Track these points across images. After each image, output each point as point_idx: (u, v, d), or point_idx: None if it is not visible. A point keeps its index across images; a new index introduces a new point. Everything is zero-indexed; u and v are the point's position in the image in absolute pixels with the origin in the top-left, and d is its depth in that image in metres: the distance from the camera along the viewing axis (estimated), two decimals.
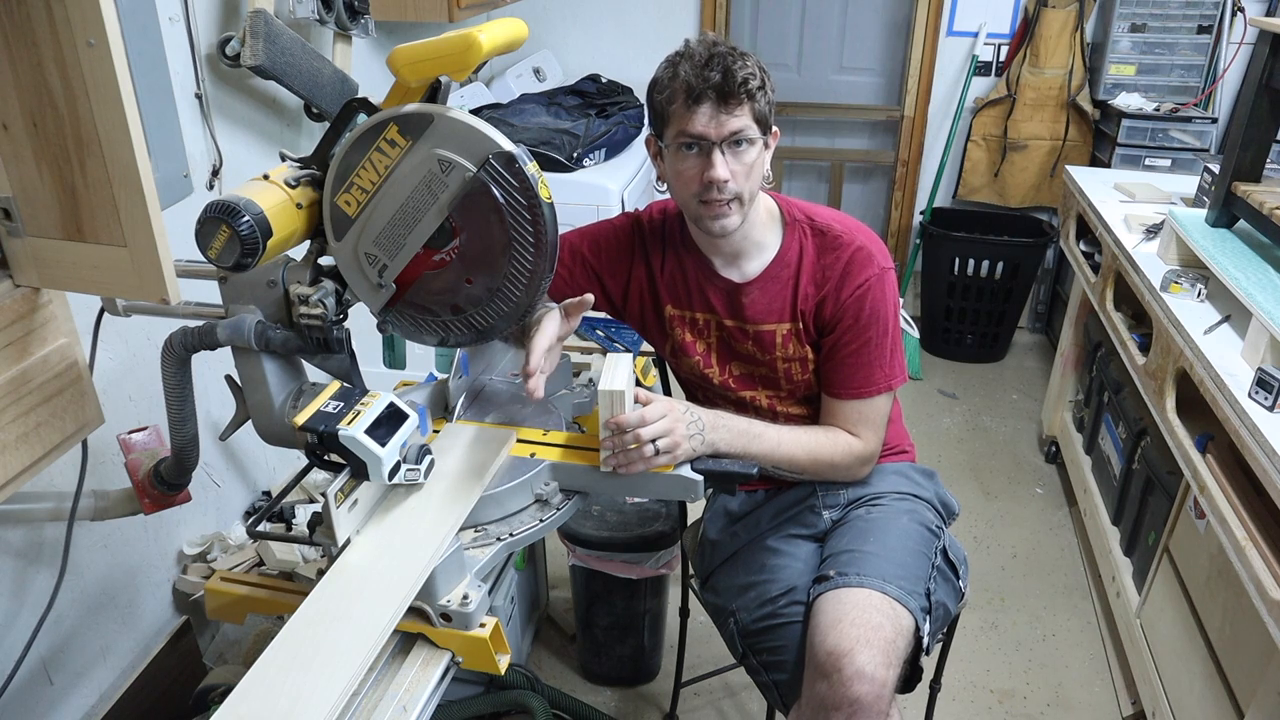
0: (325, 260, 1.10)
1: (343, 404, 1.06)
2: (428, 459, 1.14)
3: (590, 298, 1.30)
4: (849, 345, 1.38)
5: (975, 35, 3.47)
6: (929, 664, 1.41)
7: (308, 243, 1.09)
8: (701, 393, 1.52)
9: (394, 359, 1.62)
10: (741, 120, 1.27)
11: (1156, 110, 3.16)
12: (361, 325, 1.13)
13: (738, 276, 1.42)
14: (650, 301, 1.48)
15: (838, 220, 1.42)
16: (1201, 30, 3.19)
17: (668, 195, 1.41)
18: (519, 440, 1.32)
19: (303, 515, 1.25)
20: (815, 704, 1.18)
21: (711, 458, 1.29)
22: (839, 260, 1.38)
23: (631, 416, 1.21)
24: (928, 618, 1.27)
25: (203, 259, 0.98)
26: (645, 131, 1.41)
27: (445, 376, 1.43)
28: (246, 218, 0.95)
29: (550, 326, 1.28)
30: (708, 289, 1.43)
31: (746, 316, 1.41)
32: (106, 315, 1.17)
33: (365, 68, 2.41)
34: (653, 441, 1.21)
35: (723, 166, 1.27)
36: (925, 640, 1.26)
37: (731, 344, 1.45)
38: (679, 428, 1.23)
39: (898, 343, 1.40)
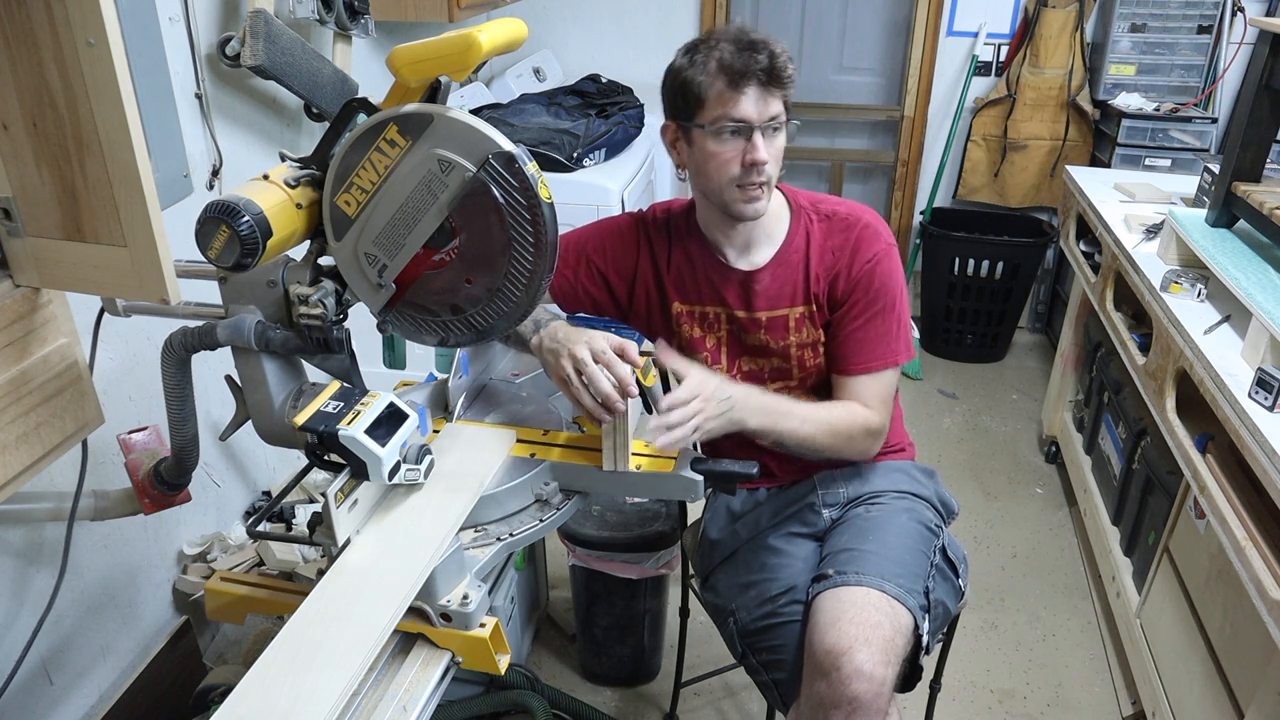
0: (325, 260, 1.10)
1: (343, 404, 1.06)
2: (428, 459, 1.14)
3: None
4: (859, 319, 1.39)
5: (975, 35, 3.47)
6: (929, 664, 1.41)
7: (308, 243, 1.09)
8: None
9: (394, 359, 1.62)
10: (779, 105, 1.29)
11: (1156, 110, 3.16)
12: (361, 325, 1.13)
13: (748, 265, 1.43)
14: (657, 299, 1.49)
15: (842, 204, 1.45)
16: (1201, 30, 3.18)
17: (689, 189, 1.41)
18: (519, 440, 1.32)
19: (303, 515, 1.25)
20: (814, 702, 1.18)
21: (712, 457, 1.29)
22: (848, 239, 1.40)
23: (664, 402, 1.20)
24: (927, 616, 1.27)
25: (203, 259, 0.98)
26: (650, 123, 1.41)
27: (445, 376, 1.43)
28: (246, 218, 0.95)
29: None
30: (718, 281, 1.44)
31: (759, 304, 1.42)
32: (106, 315, 1.17)
33: (365, 68, 2.41)
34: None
35: (764, 149, 1.28)
36: (925, 639, 1.26)
37: (743, 337, 1.45)
38: (708, 408, 1.22)
39: (905, 318, 1.42)
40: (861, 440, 1.41)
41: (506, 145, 0.98)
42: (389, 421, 1.07)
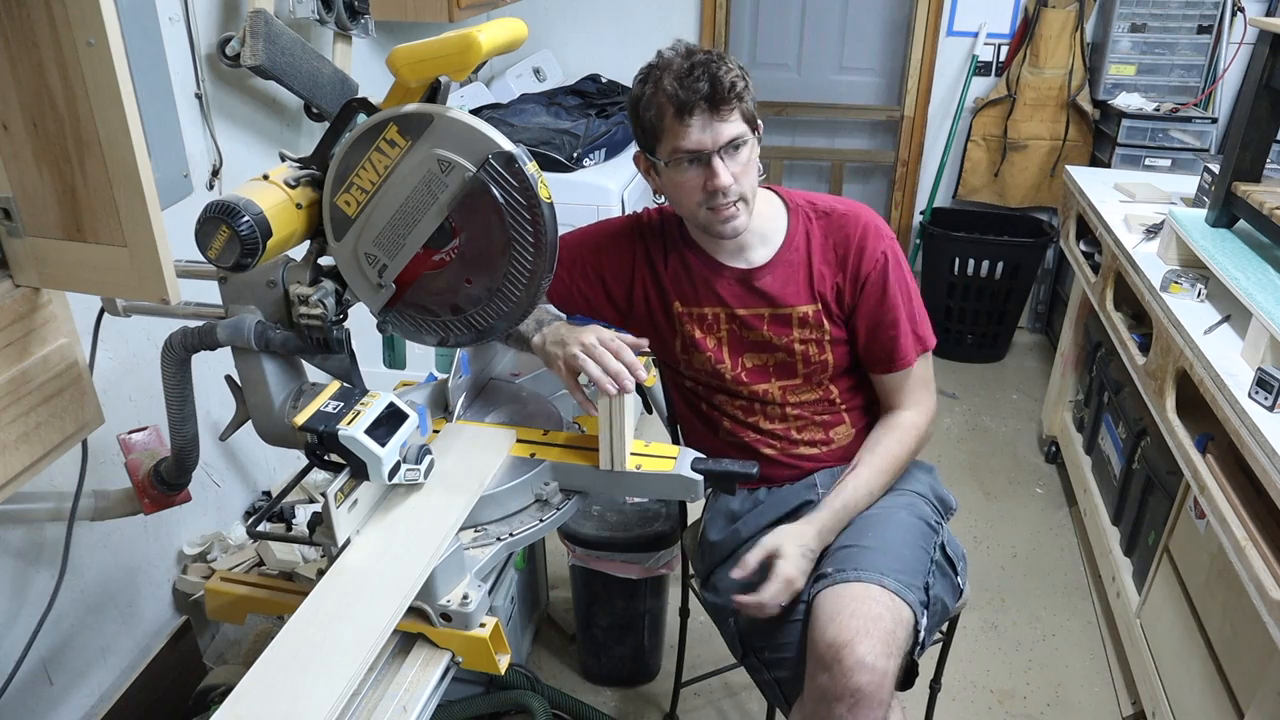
0: (325, 260, 1.10)
1: (343, 404, 1.06)
2: (428, 459, 1.14)
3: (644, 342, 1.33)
4: (883, 319, 1.41)
5: (975, 35, 3.47)
6: (930, 664, 1.41)
7: (308, 243, 1.09)
8: (705, 389, 1.52)
9: (394, 359, 1.62)
10: (735, 126, 1.28)
11: (1156, 110, 3.16)
12: (361, 325, 1.13)
13: (746, 264, 1.44)
14: (657, 299, 1.49)
15: (839, 202, 1.46)
16: (1201, 30, 3.18)
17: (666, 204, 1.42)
18: (519, 440, 1.32)
19: (303, 515, 1.25)
20: (817, 696, 1.18)
21: (711, 457, 1.29)
22: (850, 240, 1.41)
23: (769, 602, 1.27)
24: (925, 612, 1.27)
25: (203, 259, 0.98)
26: (632, 148, 1.42)
27: (445, 376, 1.43)
28: (246, 218, 0.95)
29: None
30: (715, 282, 1.44)
31: (762, 301, 1.42)
32: (106, 315, 1.17)
33: (365, 68, 2.40)
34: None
35: (725, 173, 1.28)
36: (921, 635, 1.26)
37: (744, 335, 1.45)
38: (798, 581, 1.29)
39: (921, 303, 1.46)
40: (918, 442, 1.46)
41: (506, 145, 0.98)
42: (389, 421, 1.07)
